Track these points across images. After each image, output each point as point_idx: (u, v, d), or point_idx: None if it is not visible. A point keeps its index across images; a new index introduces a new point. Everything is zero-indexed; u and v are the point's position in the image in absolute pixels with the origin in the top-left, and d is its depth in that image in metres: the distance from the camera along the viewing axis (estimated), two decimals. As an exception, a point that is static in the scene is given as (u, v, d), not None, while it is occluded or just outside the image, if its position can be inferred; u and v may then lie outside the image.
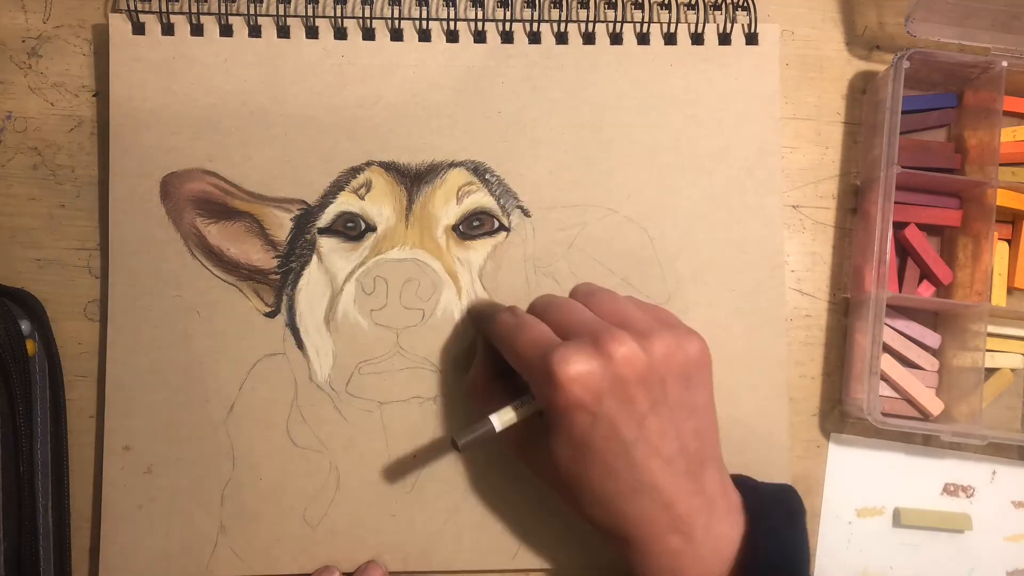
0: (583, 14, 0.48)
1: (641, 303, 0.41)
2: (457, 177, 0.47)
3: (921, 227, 0.48)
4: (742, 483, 0.41)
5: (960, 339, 0.47)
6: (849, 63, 0.50)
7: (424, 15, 0.47)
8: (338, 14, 0.47)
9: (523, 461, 0.42)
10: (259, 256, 0.46)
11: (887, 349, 0.47)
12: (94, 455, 0.45)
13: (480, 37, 0.47)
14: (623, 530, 0.38)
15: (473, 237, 0.46)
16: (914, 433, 0.48)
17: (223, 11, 0.46)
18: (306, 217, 0.46)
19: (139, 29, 0.46)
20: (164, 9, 0.46)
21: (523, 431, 0.40)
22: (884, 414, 0.46)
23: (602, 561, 0.45)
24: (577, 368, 0.35)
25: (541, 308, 0.41)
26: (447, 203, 0.46)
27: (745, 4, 0.48)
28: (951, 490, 0.48)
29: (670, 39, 0.48)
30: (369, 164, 0.46)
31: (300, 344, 0.45)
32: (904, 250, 0.48)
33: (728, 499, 0.39)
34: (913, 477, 0.48)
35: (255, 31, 0.46)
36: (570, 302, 0.40)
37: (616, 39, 0.48)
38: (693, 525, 0.37)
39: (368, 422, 0.45)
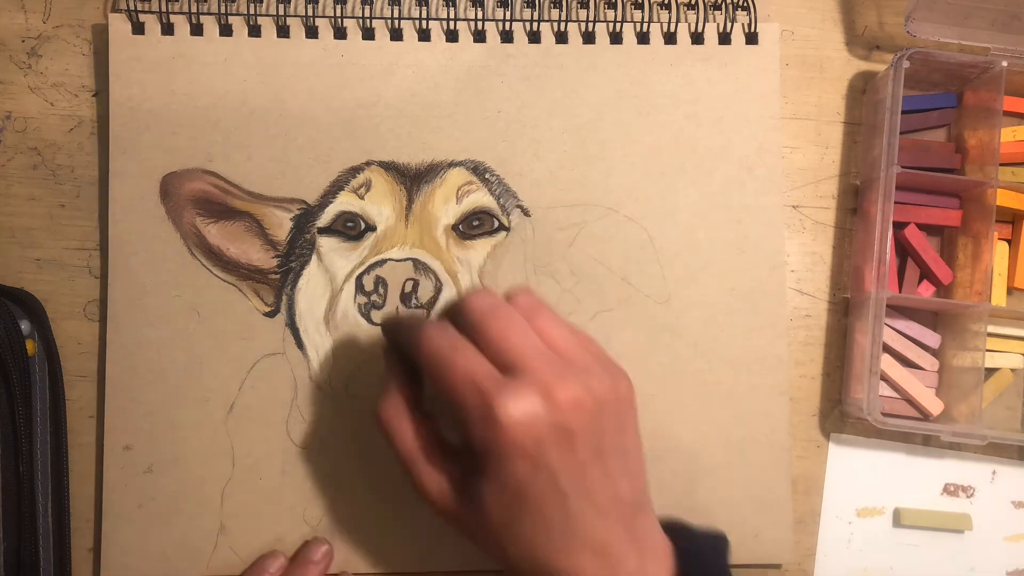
0: (583, 14, 0.48)
1: (570, 326, 0.37)
2: (457, 177, 0.47)
3: (921, 227, 0.48)
4: (672, 527, 0.38)
5: (960, 339, 0.47)
6: (849, 63, 0.50)
7: (424, 15, 0.47)
8: (338, 14, 0.47)
9: (453, 520, 0.37)
10: (259, 256, 0.46)
11: (887, 349, 0.47)
12: (94, 455, 0.45)
13: (480, 37, 0.47)
14: None
15: (473, 237, 0.46)
16: (914, 433, 0.48)
17: (223, 11, 0.46)
18: (306, 217, 0.46)
19: (139, 29, 0.46)
20: (164, 9, 0.46)
21: (455, 492, 0.36)
22: (884, 414, 0.46)
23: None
24: (522, 413, 0.32)
25: (478, 318, 0.35)
26: (447, 203, 0.46)
27: (745, 4, 0.48)
28: (951, 490, 0.48)
29: (670, 39, 0.48)
30: (369, 164, 0.46)
31: (300, 344, 0.45)
32: (904, 250, 0.48)
33: (658, 543, 0.37)
34: (913, 477, 0.48)
35: (255, 31, 0.46)
36: (513, 317, 0.35)
37: (616, 39, 0.48)
38: (623, 572, 0.35)
39: (368, 422, 0.45)
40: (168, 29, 0.46)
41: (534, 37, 0.48)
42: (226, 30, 0.46)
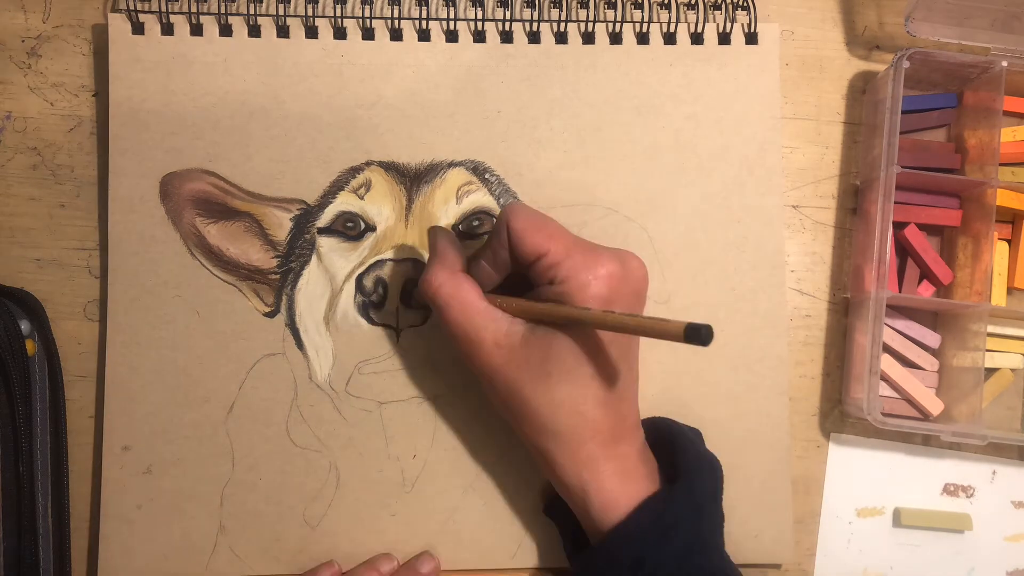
0: (583, 14, 0.48)
1: None
2: (457, 177, 0.47)
3: (921, 227, 0.48)
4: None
5: (960, 339, 0.47)
6: (849, 63, 0.50)
7: (424, 15, 0.47)
8: (338, 14, 0.47)
9: (497, 364, 0.39)
10: (259, 256, 0.46)
11: (887, 349, 0.47)
12: (93, 455, 0.45)
13: (480, 37, 0.47)
14: (583, 425, 0.39)
15: (473, 236, 0.46)
16: (914, 433, 0.48)
17: (223, 11, 0.46)
18: (306, 217, 0.46)
19: (139, 29, 0.46)
20: (164, 9, 0.46)
21: (509, 339, 0.39)
22: (884, 414, 0.46)
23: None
24: (611, 269, 0.39)
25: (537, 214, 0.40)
26: (447, 203, 0.46)
27: (745, 4, 0.48)
28: (951, 490, 0.48)
29: (670, 39, 0.48)
30: (369, 164, 0.46)
31: (300, 344, 0.45)
32: (904, 250, 0.48)
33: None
34: (913, 477, 0.48)
35: (255, 31, 0.46)
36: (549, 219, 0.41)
37: (616, 39, 0.48)
38: (624, 439, 0.40)
39: (368, 422, 0.45)
40: (168, 29, 0.46)
41: (534, 37, 0.48)
42: (226, 30, 0.46)
